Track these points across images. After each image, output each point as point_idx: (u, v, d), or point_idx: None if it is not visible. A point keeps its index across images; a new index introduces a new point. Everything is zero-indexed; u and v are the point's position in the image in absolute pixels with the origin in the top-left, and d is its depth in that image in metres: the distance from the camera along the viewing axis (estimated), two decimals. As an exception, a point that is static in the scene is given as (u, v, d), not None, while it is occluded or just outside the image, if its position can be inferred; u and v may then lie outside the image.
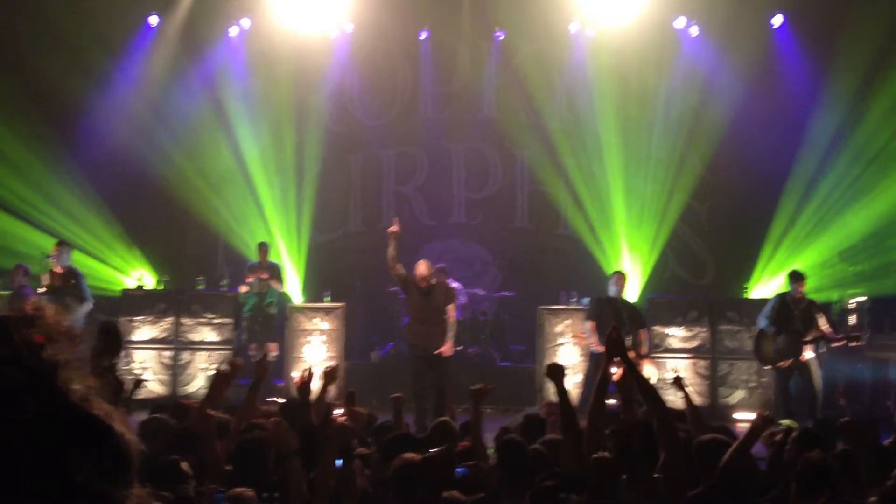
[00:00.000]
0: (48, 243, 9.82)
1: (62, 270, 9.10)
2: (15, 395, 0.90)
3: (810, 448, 4.21)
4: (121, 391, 4.35)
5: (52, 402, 0.91)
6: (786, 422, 7.30)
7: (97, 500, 0.90)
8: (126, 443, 0.94)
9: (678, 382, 5.82)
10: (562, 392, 4.05)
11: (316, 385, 5.47)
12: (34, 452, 0.88)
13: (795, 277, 8.92)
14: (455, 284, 11.16)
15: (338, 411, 5.71)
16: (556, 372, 4.09)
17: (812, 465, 3.67)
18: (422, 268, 8.40)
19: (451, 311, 8.42)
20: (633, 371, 3.91)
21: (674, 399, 6.97)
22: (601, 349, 8.14)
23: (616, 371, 4.46)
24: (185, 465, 3.56)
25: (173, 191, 12.52)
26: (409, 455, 3.59)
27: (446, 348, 8.23)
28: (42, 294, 8.79)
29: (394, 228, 8.15)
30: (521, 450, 4.09)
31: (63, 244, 9.28)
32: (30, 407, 0.90)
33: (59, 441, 0.89)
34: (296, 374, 7.57)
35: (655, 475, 3.54)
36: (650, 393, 3.79)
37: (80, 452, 0.90)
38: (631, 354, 4.51)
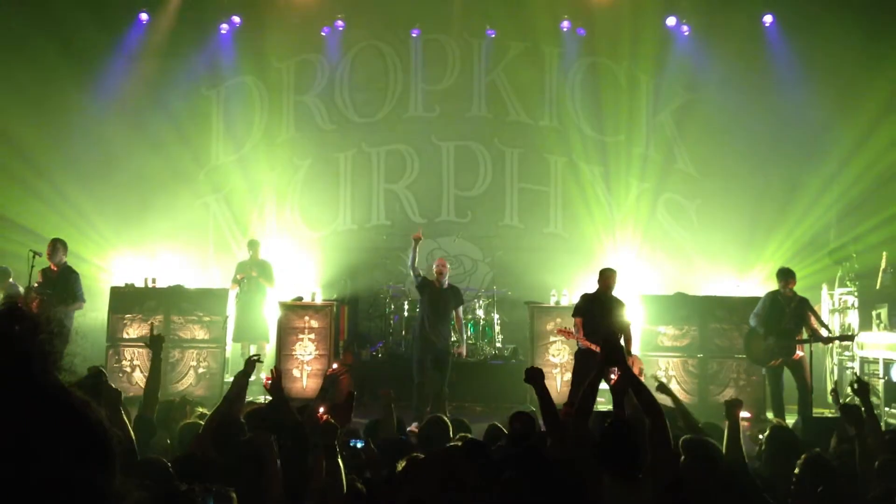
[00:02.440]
0: (36, 239, 9.73)
1: (56, 268, 8.99)
2: None
3: (786, 445, 4.24)
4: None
5: (29, 391, 0.91)
6: (775, 419, 7.33)
7: (77, 486, 0.90)
8: (107, 433, 0.94)
9: (663, 388, 5.80)
10: (543, 395, 3.99)
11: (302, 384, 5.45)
12: (11, 441, 0.88)
13: (785, 275, 8.87)
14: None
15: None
16: (535, 376, 4.04)
17: (813, 460, 3.69)
18: (439, 262, 9.18)
19: (459, 313, 9.22)
20: (630, 376, 3.85)
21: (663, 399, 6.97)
22: (587, 344, 8.20)
23: (613, 377, 4.43)
24: (167, 464, 3.54)
25: (163, 187, 12.47)
26: (415, 454, 3.57)
27: (464, 350, 9.52)
28: (36, 290, 8.67)
29: (417, 235, 8.99)
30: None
31: (57, 242, 9.13)
32: (6, 396, 0.89)
33: (36, 429, 0.89)
34: (263, 376, 7.50)
35: (639, 476, 3.52)
36: (646, 397, 3.73)
37: (57, 440, 0.90)
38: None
